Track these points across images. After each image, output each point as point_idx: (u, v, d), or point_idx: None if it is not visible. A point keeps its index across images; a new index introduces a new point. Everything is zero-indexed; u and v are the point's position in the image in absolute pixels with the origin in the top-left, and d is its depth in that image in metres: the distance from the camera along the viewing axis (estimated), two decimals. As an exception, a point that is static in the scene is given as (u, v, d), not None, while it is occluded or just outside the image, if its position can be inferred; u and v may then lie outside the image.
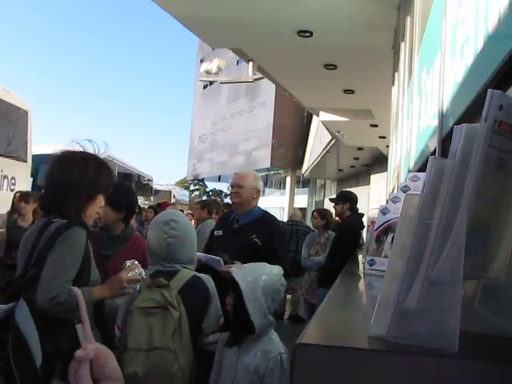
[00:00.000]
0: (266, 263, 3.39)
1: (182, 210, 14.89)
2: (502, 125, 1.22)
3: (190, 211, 18.16)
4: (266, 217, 5.32)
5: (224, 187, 70.56)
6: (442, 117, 3.26)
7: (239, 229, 5.18)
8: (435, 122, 3.49)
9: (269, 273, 3.24)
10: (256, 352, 3.10)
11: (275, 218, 5.75)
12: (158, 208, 13.63)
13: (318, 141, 28.50)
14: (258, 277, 3.18)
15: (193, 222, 11.89)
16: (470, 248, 1.23)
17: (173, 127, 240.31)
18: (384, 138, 16.69)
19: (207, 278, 3.56)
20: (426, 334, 1.30)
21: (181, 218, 3.69)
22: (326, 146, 25.09)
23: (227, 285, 3.33)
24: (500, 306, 1.50)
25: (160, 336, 3.21)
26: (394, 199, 3.16)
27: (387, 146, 13.99)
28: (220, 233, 5.41)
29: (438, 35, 3.37)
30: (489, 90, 1.20)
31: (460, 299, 1.24)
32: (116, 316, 3.54)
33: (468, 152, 1.20)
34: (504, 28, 1.75)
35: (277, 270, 3.30)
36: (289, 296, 10.95)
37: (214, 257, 4.77)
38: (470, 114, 2.41)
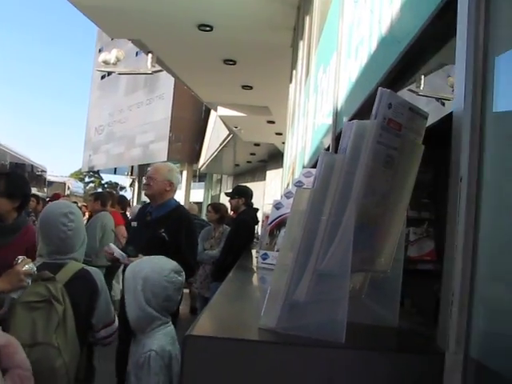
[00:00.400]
0: (164, 257, 3.35)
1: (75, 202, 14.57)
2: (390, 122, 1.26)
3: (84, 203, 17.84)
4: (178, 210, 5.29)
5: (120, 180, 69.57)
6: (336, 115, 3.33)
7: (151, 222, 5.16)
8: (329, 120, 3.56)
9: (157, 267, 3.19)
10: (139, 346, 3.08)
11: (187, 212, 5.72)
12: (40, 198, 13.25)
13: (215, 135, 28.50)
14: (142, 269, 3.15)
15: (86, 214, 11.66)
16: (357, 242, 1.26)
17: (69, 117, 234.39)
18: (280, 134, 16.90)
19: (95, 271, 3.49)
20: (314, 326, 1.33)
21: (76, 210, 3.62)
22: (223, 141, 25.15)
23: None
24: (386, 299, 1.55)
25: (43, 331, 3.11)
26: (287, 194, 3.21)
27: (283, 143, 14.17)
28: (135, 224, 5.39)
29: (335, 36, 3.43)
30: (379, 89, 1.24)
31: (348, 292, 1.28)
32: None
33: (358, 148, 1.24)
34: (396, 31, 1.81)
35: (169, 266, 3.24)
36: (186, 290, 10.88)
37: (121, 252, 4.77)
38: (363, 112, 2.48)
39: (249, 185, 11.90)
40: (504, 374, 1.11)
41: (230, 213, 8.92)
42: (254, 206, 7.96)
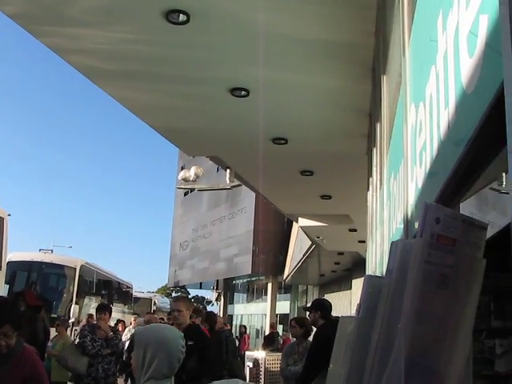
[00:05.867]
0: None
1: (162, 318, 14.59)
2: (440, 238, 1.13)
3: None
4: None
5: (206, 294, 70.09)
6: (407, 223, 3.20)
7: None
8: (402, 228, 3.43)
9: None
10: None
11: None
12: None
13: (298, 246, 28.50)
14: None
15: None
16: (413, 375, 1.11)
17: (153, 234, 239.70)
18: (363, 242, 16.60)
19: None
20: None
21: None
22: (307, 252, 25.04)
23: None
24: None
25: None
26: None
27: (366, 250, 13.94)
28: None
29: (401, 142, 3.36)
30: (424, 203, 1.12)
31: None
32: None
33: (404, 269, 1.10)
34: (453, 134, 1.71)
35: None
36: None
37: None
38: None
39: (335, 294, 11.69)
40: None
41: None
42: (342, 315, 7.78)
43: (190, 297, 75.12)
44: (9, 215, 16.59)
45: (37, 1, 5.84)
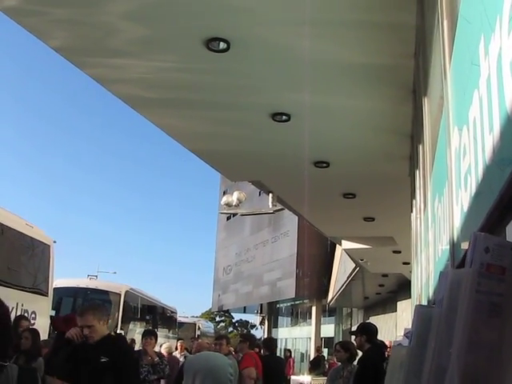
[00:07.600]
0: None
1: (207, 343, 14.62)
2: (490, 268, 1.13)
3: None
4: None
5: (250, 318, 69.92)
6: (454, 246, 3.17)
7: None
8: (448, 249, 3.40)
9: None
10: None
11: None
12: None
13: (342, 269, 28.30)
14: None
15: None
16: (466, 405, 1.10)
17: (197, 258, 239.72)
18: (408, 263, 16.48)
19: None
20: None
21: None
22: (351, 274, 24.85)
23: None
24: None
25: None
26: (407, 334, 3.02)
27: (411, 272, 13.79)
28: None
29: (444, 165, 3.33)
30: (472, 234, 1.12)
31: None
32: None
33: (455, 299, 1.10)
34: (498, 159, 1.70)
35: None
36: None
37: None
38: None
39: (380, 317, 11.59)
40: None
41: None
42: (387, 338, 7.75)
43: (234, 321, 75.07)
44: (54, 242, 16.78)
45: (82, 34, 5.98)
